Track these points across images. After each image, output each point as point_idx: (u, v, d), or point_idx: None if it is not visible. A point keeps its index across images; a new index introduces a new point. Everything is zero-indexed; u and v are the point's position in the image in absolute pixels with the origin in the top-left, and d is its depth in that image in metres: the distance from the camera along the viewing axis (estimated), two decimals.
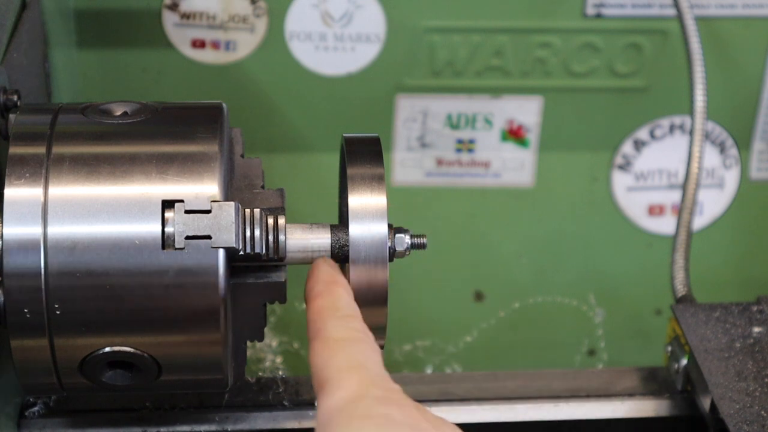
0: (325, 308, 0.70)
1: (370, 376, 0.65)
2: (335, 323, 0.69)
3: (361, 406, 0.63)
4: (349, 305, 0.71)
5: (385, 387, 0.65)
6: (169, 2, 1.10)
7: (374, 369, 0.66)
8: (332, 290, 0.71)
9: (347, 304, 0.71)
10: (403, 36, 1.13)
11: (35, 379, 0.74)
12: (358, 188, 0.74)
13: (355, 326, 0.69)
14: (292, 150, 1.18)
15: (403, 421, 0.63)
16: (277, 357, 1.19)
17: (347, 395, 0.64)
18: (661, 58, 1.16)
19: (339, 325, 0.69)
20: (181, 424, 0.87)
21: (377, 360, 0.67)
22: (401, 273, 0.97)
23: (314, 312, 0.70)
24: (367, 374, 0.65)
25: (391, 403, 0.64)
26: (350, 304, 0.71)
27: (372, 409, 0.63)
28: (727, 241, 1.25)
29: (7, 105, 0.79)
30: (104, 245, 0.70)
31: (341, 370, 0.66)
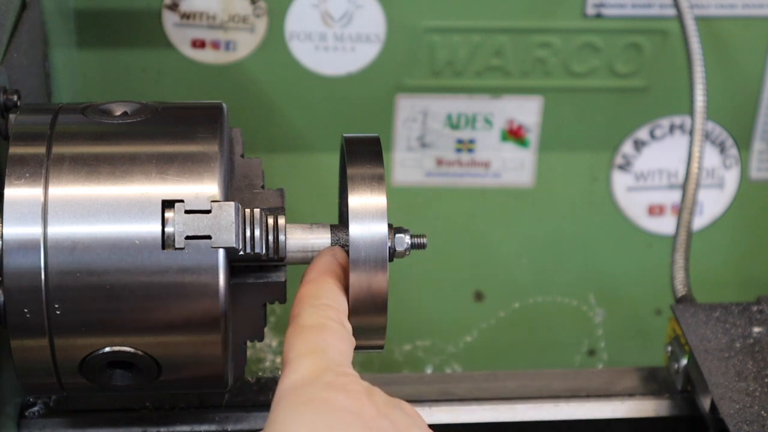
0: (306, 295, 0.71)
1: (325, 362, 0.67)
2: (310, 310, 0.70)
3: (308, 390, 0.65)
4: (331, 295, 0.72)
5: (338, 372, 0.66)
6: (169, 2, 1.10)
7: (333, 355, 0.68)
8: (321, 279, 0.72)
9: (329, 293, 0.72)
10: (403, 36, 1.14)
11: (35, 379, 0.74)
12: (358, 188, 0.74)
13: (328, 314, 0.70)
14: (292, 150, 1.18)
15: (345, 406, 0.64)
16: (277, 357, 1.19)
17: (298, 378, 0.66)
18: (661, 58, 1.16)
19: (313, 312, 0.70)
20: (181, 424, 0.87)
21: (341, 349, 0.69)
22: (401, 273, 0.97)
23: (297, 298, 0.72)
24: (323, 360, 0.67)
25: (338, 389, 0.65)
26: (332, 294, 0.72)
27: (317, 393, 0.64)
28: (727, 241, 1.25)
29: (7, 105, 0.79)
30: (104, 245, 0.70)
31: (300, 355, 0.67)
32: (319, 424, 0.63)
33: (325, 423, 0.63)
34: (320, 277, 0.72)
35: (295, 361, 0.67)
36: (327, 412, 0.63)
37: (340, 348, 0.68)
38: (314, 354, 0.67)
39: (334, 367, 0.67)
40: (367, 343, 0.77)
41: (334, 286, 0.72)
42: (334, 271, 0.73)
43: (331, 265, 0.74)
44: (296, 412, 0.63)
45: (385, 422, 0.64)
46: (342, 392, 0.65)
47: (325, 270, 0.73)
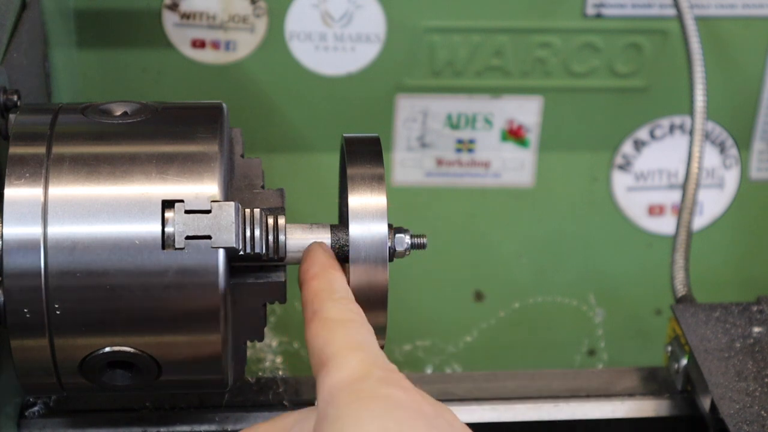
0: (321, 290, 0.70)
1: (371, 357, 0.65)
2: (332, 305, 0.69)
3: (365, 386, 0.63)
4: (345, 288, 0.71)
5: (385, 368, 0.65)
6: (169, 2, 1.10)
7: (373, 350, 0.66)
8: (328, 273, 0.72)
9: (343, 287, 0.71)
10: (403, 36, 1.14)
11: (35, 379, 0.74)
12: (358, 188, 0.74)
13: (351, 308, 0.69)
14: (292, 150, 1.18)
15: (406, 403, 0.62)
16: (277, 357, 1.19)
17: (350, 375, 0.64)
18: (661, 58, 1.16)
19: (336, 306, 0.69)
20: (181, 424, 0.87)
21: (375, 342, 0.68)
22: (401, 273, 0.97)
23: (311, 293, 0.71)
24: (367, 355, 0.65)
25: (394, 385, 0.63)
26: (346, 288, 0.71)
27: (376, 389, 0.63)
28: (727, 241, 1.25)
29: (7, 105, 0.79)
30: (104, 245, 0.70)
31: (342, 350, 0.66)
32: (388, 421, 0.61)
33: (394, 419, 0.61)
34: (327, 271, 0.72)
35: (339, 357, 0.65)
36: (392, 409, 0.62)
37: (373, 341, 0.67)
38: (357, 349, 0.66)
39: (380, 363, 0.65)
40: None
41: (342, 279, 0.72)
42: (334, 265, 0.73)
43: (330, 258, 0.73)
44: (361, 408, 0.62)
45: (443, 421, 0.64)
46: (399, 389, 0.63)
47: (327, 264, 0.73)
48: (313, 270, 0.72)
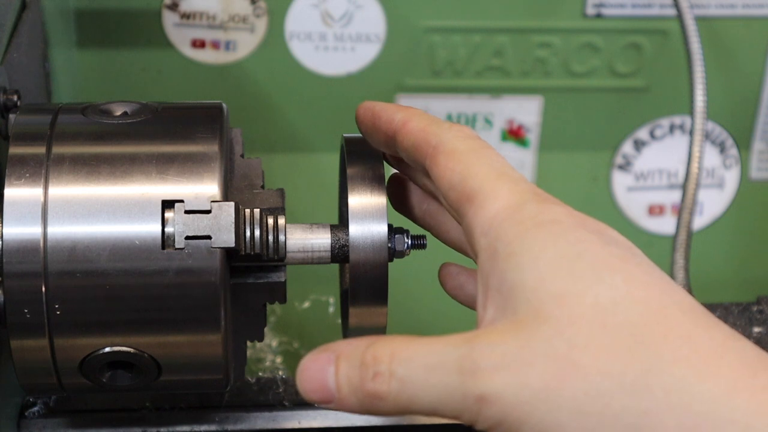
0: (428, 125, 0.66)
1: (518, 183, 0.62)
2: (452, 135, 0.64)
3: (526, 215, 0.59)
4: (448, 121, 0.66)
5: (536, 191, 0.61)
6: (169, 2, 1.10)
7: (516, 174, 0.62)
8: (415, 111, 0.67)
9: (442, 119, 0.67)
10: (403, 36, 1.14)
11: (35, 379, 0.74)
12: (358, 188, 0.74)
13: (472, 135, 0.65)
14: (292, 150, 1.18)
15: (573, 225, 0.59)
16: (277, 357, 1.19)
17: (506, 205, 0.60)
18: (661, 58, 1.16)
19: (457, 136, 0.64)
20: (181, 424, 0.87)
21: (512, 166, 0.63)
22: (401, 273, 0.97)
23: (416, 132, 0.66)
24: (514, 181, 0.62)
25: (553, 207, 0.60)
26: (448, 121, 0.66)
27: (539, 216, 0.59)
28: (727, 241, 1.25)
29: (7, 105, 0.79)
30: (104, 245, 0.70)
31: (487, 180, 0.61)
32: (563, 245, 0.58)
33: (568, 243, 0.58)
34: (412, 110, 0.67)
35: (486, 188, 0.61)
36: (562, 233, 0.58)
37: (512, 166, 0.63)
38: (503, 177, 0.62)
39: (529, 187, 0.62)
40: None
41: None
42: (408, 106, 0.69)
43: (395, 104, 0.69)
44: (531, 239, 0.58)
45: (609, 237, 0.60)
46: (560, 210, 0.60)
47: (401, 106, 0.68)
48: (399, 114, 0.67)
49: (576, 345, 0.55)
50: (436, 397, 0.57)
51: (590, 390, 0.54)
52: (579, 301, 0.56)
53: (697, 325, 0.56)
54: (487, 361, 0.56)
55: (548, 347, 0.55)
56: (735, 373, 0.53)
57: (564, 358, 0.55)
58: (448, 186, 0.64)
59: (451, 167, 0.64)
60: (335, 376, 0.60)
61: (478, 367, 0.56)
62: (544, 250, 0.58)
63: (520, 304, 0.57)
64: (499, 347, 0.56)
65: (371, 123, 0.71)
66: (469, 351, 0.57)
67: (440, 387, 0.57)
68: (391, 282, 0.74)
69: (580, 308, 0.56)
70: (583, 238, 0.59)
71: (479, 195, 0.61)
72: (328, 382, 0.60)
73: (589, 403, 0.54)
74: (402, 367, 0.58)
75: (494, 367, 0.56)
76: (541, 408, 0.54)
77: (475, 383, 0.56)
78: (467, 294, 0.75)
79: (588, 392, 0.54)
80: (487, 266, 0.60)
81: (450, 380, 0.57)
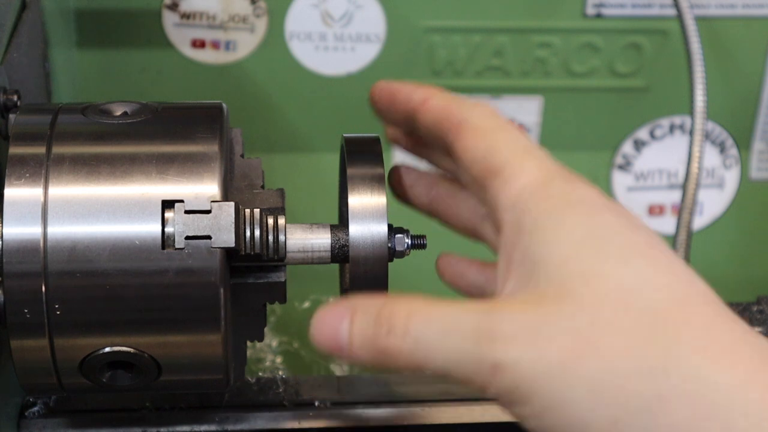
0: (449, 102, 0.66)
1: (544, 161, 0.61)
2: (477, 112, 0.64)
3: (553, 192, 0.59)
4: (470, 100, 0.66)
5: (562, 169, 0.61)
6: (169, 2, 1.10)
7: (542, 153, 0.62)
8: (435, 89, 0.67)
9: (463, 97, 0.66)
10: (403, 36, 1.14)
11: (35, 379, 0.74)
12: (358, 188, 0.74)
13: (495, 113, 0.65)
14: (292, 150, 1.18)
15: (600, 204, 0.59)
16: (277, 357, 1.19)
17: (532, 180, 0.60)
18: (661, 58, 1.16)
19: (482, 113, 0.64)
20: (181, 424, 0.87)
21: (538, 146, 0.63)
22: (401, 273, 0.97)
23: (439, 110, 0.66)
24: (540, 159, 0.62)
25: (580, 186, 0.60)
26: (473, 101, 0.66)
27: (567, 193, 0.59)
28: (727, 241, 1.25)
29: (7, 105, 0.79)
30: (104, 245, 0.70)
31: (513, 156, 0.61)
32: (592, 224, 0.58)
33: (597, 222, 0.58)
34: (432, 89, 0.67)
35: (513, 163, 0.61)
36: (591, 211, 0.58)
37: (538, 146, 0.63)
38: (529, 153, 0.61)
39: (555, 166, 0.61)
40: None
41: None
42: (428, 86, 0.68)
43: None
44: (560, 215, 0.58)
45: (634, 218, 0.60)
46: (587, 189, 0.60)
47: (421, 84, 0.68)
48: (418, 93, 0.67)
49: (597, 324, 0.55)
50: (449, 360, 0.57)
51: (607, 370, 0.54)
52: (604, 282, 0.56)
53: (718, 316, 0.56)
54: (506, 329, 0.56)
55: (569, 323, 0.55)
56: (752, 366, 0.53)
57: (584, 335, 0.55)
58: (471, 160, 0.63)
59: (475, 142, 0.63)
60: (349, 328, 0.60)
61: (495, 335, 0.56)
62: (572, 229, 0.58)
63: (544, 279, 0.57)
64: (519, 317, 0.56)
65: (388, 101, 0.71)
66: (487, 318, 0.57)
67: (455, 351, 0.57)
68: (391, 282, 0.74)
69: (605, 289, 0.56)
70: (611, 222, 0.58)
71: (505, 169, 0.61)
72: (341, 333, 0.60)
73: (605, 383, 0.54)
74: (418, 327, 0.58)
75: (512, 337, 0.56)
76: (555, 382, 0.54)
77: (491, 351, 0.56)
78: (468, 282, 0.75)
79: (604, 372, 0.54)
80: (511, 240, 0.60)
81: (465, 345, 0.57)
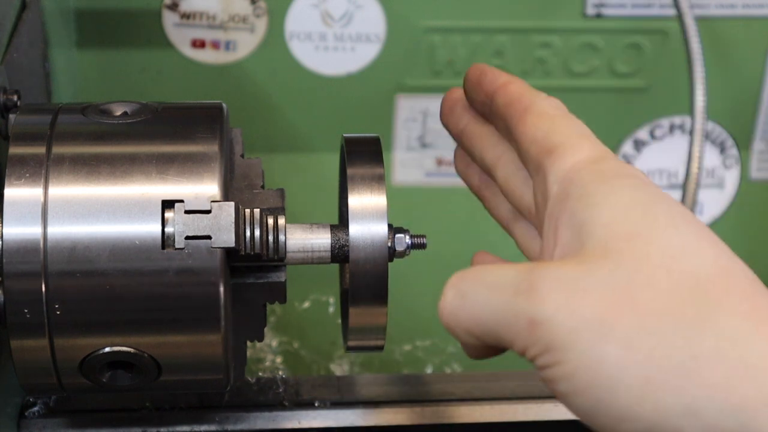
0: (525, 90, 0.68)
1: (599, 145, 0.63)
2: (544, 102, 0.67)
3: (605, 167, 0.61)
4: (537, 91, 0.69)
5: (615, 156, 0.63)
6: (169, 2, 1.10)
7: (599, 141, 0.64)
8: (519, 79, 0.70)
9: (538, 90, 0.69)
10: (403, 36, 1.14)
11: (35, 379, 0.74)
12: (358, 188, 0.74)
13: (562, 106, 0.67)
14: (292, 150, 1.18)
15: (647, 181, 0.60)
16: (277, 357, 1.19)
17: (587, 157, 0.62)
18: (661, 58, 1.16)
19: (549, 103, 0.67)
20: (181, 424, 0.87)
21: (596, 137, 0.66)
22: (401, 273, 0.97)
23: (515, 93, 0.68)
24: (596, 143, 0.63)
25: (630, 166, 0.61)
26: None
27: (618, 169, 0.60)
28: (727, 241, 1.24)
29: (7, 105, 0.79)
30: (104, 245, 0.70)
31: (571, 137, 0.63)
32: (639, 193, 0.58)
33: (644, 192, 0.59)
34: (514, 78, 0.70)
35: (570, 143, 0.63)
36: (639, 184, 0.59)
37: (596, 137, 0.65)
38: (586, 137, 0.64)
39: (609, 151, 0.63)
40: (366, 344, 0.77)
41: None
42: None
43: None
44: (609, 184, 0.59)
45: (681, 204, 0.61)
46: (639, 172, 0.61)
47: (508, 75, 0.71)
48: (502, 78, 0.70)
49: (636, 282, 0.55)
50: (492, 316, 0.58)
51: (643, 327, 0.54)
52: (648, 243, 0.56)
53: (758, 289, 0.55)
54: (544, 283, 0.56)
55: (608, 279, 0.55)
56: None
57: (621, 292, 0.55)
58: (531, 140, 0.65)
59: (539, 123, 0.65)
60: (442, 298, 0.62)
61: (533, 289, 0.56)
62: (620, 194, 0.58)
63: (588, 239, 0.58)
64: (559, 272, 0.56)
65: (477, 79, 0.72)
66: (528, 275, 0.57)
67: (497, 306, 0.58)
68: (391, 282, 0.74)
69: (649, 249, 0.56)
70: (660, 193, 0.59)
71: (560, 148, 0.63)
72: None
73: (639, 340, 0.53)
74: (467, 284, 0.60)
75: (548, 290, 0.56)
76: (589, 337, 0.54)
77: (528, 305, 0.56)
78: None
79: (640, 329, 0.54)
80: (557, 209, 0.60)
81: (506, 299, 0.57)
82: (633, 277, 0.55)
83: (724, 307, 0.54)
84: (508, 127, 0.68)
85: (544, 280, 0.56)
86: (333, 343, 1.21)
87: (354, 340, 0.76)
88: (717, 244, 0.58)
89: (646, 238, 0.56)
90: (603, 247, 0.57)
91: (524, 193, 0.69)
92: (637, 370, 0.53)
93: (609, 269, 0.56)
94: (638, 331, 0.54)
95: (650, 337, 0.53)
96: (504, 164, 0.71)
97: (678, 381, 0.53)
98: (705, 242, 0.57)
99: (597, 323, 0.54)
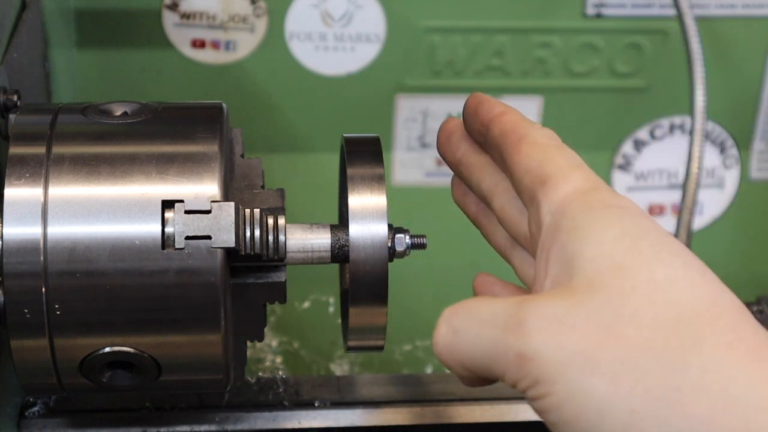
0: (520, 120, 0.69)
1: (592, 175, 0.64)
2: (539, 132, 0.67)
3: (595, 198, 0.61)
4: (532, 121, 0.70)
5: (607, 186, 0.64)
6: (169, 2, 1.10)
7: (591, 171, 0.65)
8: (514, 110, 0.70)
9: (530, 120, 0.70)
10: (403, 36, 1.14)
11: (35, 379, 0.74)
12: (358, 188, 0.74)
13: (555, 136, 0.68)
14: (292, 150, 1.18)
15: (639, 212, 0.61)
16: (277, 357, 1.19)
17: (577, 188, 0.62)
18: (661, 58, 1.16)
19: (543, 133, 0.67)
20: (181, 424, 0.87)
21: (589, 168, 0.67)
22: (401, 273, 0.97)
23: (509, 123, 0.69)
24: (588, 173, 0.64)
25: (622, 197, 0.62)
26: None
27: (607, 200, 0.61)
28: (727, 241, 1.25)
29: (7, 105, 0.79)
30: (104, 245, 0.70)
31: (563, 168, 0.64)
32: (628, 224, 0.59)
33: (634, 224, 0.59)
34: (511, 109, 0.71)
35: (562, 174, 0.63)
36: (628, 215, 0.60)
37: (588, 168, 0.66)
38: (578, 167, 0.64)
39: (601, 181, 0.64)
40: (366, 344, 0.77)
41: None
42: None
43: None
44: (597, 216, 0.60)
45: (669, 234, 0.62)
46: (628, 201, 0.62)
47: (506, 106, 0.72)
48: (498, 108, 0.71)
49: (621, 315, 0.56)
50: (483, 351, 0.59)
51: (627, 360, 0.54)
52: (634, 275, 0.57)
53: (744, 319, 0.56)
54: (531, 319, 0.57)
55: (594, 313, 0.56)
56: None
57: (607, 326, 0.55)
58: (525, 171, 0.65)
59: (531, 154, 0.66)
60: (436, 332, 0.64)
61: (521, 324, 0.57)
62: (608, 227, 0.59)
63: (576, 272, 0.58)
64: (546, 307, 0.57)
65: (474, 108, 0.73)
66: (517, 308, 0.58)
67: (487, 341, 0.59)
68: (391, 282, 0.74)
69: (634, 281, 0.57)
70: (647, 224, 0.60)
71: (552, 179, 0.63)
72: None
73: (624, 373, 0.54)
74: (459, 319, 0.61)
75: (536, 326, 0.57)
76: (575, 370, 0.55)
77: (517, 339, 0.57)
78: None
79: (625, 362, 0.54)
80: (548, 241, 0.61)
81: (496, 334, 0.58)
82: (618, 311, 0.56)
83: (708, 338, 0.54)
84: (502, 156, 0.69)
85: (531, 315, 0.57)
86: (333, 343, 1.21)
87: (354, 340, 0.76)
88: (704, 274, 0.59)
89: (632, 270, 0.57)
90: (590, 280, 0.58)
91: (520, 222, 0.70)
92: (622, 402, 0.54)
93: (595, 303, 0.56)
94: (623, 364, 0.54)
95: (635, 370, 0.54)
96: (500, 193, 0.72)
97: (661, 412, 0.53)
98: (692, 272, 0.58)
99: (583, 357, 0.55)
